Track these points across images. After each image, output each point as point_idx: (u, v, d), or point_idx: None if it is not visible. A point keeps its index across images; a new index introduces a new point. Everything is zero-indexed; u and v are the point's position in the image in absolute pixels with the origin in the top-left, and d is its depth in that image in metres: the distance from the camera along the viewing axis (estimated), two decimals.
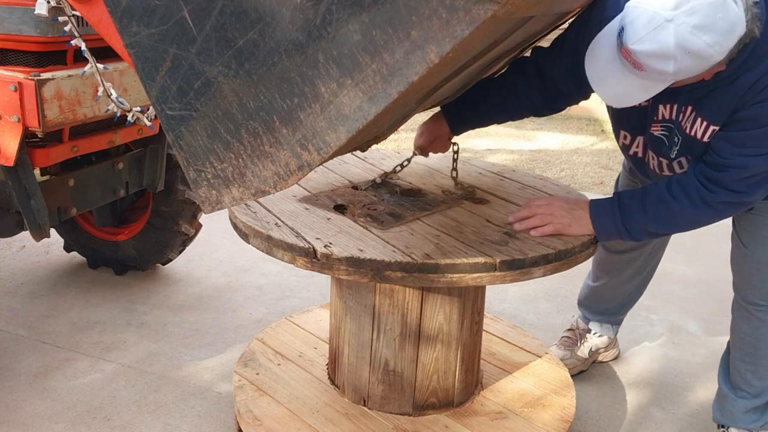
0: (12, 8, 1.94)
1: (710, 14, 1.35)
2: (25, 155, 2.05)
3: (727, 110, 1.57)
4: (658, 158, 1.80)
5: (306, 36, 1.08)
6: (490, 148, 5.48)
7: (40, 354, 2.41)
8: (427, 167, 2.17)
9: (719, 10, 1.36)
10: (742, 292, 1.92)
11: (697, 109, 1.62)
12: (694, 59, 1.40)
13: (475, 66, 1.51)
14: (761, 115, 1.53)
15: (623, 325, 2.51)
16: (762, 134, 1.54)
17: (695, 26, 1.36)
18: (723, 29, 1.37)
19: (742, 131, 1.56)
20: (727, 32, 1.38)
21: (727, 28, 1.38)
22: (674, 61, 1.39)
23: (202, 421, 2.10)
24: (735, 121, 1.57)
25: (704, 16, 1.35)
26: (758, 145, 1.55)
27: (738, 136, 1.57)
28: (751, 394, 1.98)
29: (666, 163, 1.79)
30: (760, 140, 1.54)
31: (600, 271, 2.35)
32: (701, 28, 1.36)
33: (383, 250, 1.54)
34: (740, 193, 1.61)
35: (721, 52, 1.40)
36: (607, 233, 1.70)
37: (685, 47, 1.37)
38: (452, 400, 1.93)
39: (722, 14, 1.36)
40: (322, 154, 1.13)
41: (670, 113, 1.69)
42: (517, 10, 1.07)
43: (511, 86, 1.88)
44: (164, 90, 1.19)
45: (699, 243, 3.60)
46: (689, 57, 1.39)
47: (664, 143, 1.74)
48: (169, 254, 2.90)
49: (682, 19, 1.35)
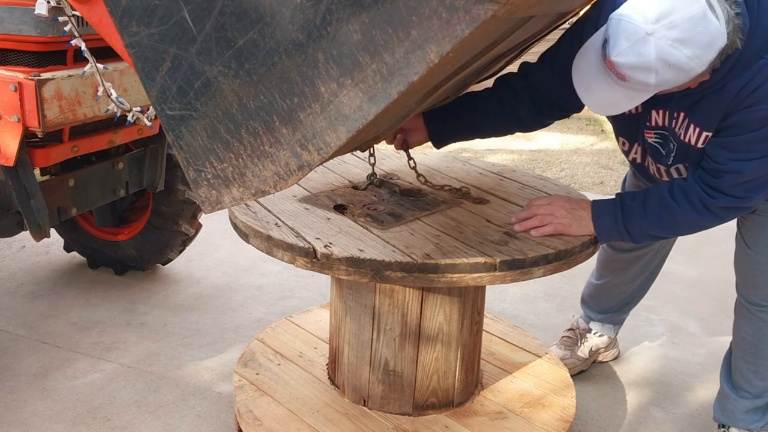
0: (12, 8, 1.94)
1: (690, 28, 1.37)
2: (25, 155, 2.05)
3: (717, 117, 1.58)
4: (656, 164, 1.81)
5: (306, 36, 1.08)
6: (490, 148, 5.48)
7: (40, 354, 2.41)
8: (427, 167, 2.17)
9: (699, 23, 1.37)
10: (744, 293, 1.92)
11: (690, 116, 1.63)
12: (675, 72, 1.42)
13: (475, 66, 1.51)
14: (750, 120, 1.54)
15: (623, 325, 2.51)
16: (753, 138, 1.55)
17: (675, 40, 1.37)
18: (703, 42, 1.39)
19: (733, 137, 1.57)
20: (707, 45, 1.40)
21: (707, 42, 1.39)
22: (656, 73, 1.41)
23: (202, 421, 2.10)
24: (726, 127, 1.58)
25: (684, 30, 1.37)
26: (750, 150, 1.56)
27: (730, 141, 1.58)
28: (753, 394, 1.98)
29: (664, 169, 1.80)
30: (751, 144, 1.55)
31: (604, 270, 2.35)
32: (682, 42, 1.38)
33: (383, 250, 1.54)
34: (739, 198, 1.62)
35: (702, 64, 1.42)
36: (608, 234, 1.70)
37: (665, 60, 1.39)
38: (452, 400, 1.93)
39: (702, 28, 1.38)
40: (322, 154, 1.13)
41: (663, 119, 1.70)
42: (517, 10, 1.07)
43: (496, 101, 1.88)
44: (164, 90, 1.19)
45: (699, 243, 3.60)
46: (670, 69, 1.41)
47: (660, 151, 1.75)
48: (169, 254, 2.90)
49: (662, 32, 1.37)
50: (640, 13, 1.40)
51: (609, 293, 2.38)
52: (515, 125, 1.93)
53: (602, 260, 2.36)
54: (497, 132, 1.97)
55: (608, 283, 2.35)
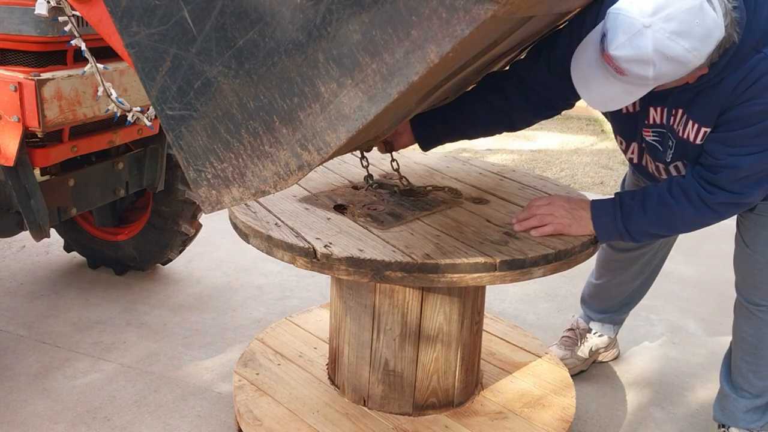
0: (12, 8, 1.94)
1: (687, 20, 1.37)
2: (25, 155, 2.05)
3: (715, 112, 1.58)
4: (655, 163, 1.81)
5: (306, 36, 1.08)
6: (490, 148, 5.48)
7: (40, 354, 2.41)
8: (427, 167, 2.17)
9: (696, 16, 1.38)
10: (744, 292, 1.92)
11: (688, 112, 1.63)
12: (673, 64, 1.42)
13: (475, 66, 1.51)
14: (748, 114, 1.54)
15: (623, 325, 2.51)
16: (751, 133, 1.54)
17: (673, 32, 1.38)
18: (700, 34, 1.39)
19: (731, 131, 1.57)
20: (704, 37, 1.40)
21: (704, 34, 1.39)
22: (653, 66, 1.41)
23: (202, 421, 2.10)
24: (724, 122, 1.58)
25: (681, 23, 1.37)
26: (748, 144, 1.56)
27: (728, 136, 1.58)
28: (753, 394, 1.99)
29: (663, 168, 1.80)
30: (749, 139, 1.55)
31: (603, 269, 2.35)
32: (679, 34, 1.38)
33: (383, 250, 1.54)
34: (738, 194, 1.61)
35: (700, 57, 1.42)
36: (608, 234, 1.71)
37: (663, 53, 1.39)
38: (452, 400, 1.93)
39: (699, 20, 1.38)
40: (322, 154, 1.13)
41: (661, 117, 1.70)
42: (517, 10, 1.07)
43: (486, 104, 1.87)
44: (164, 90, 1.19)
45: (699, 243, 3.60)
46: (668, 62, 1.41)
47: (658, 149, 1.75)
48: (169, 254, 2.90)
49: (659, 25, 1.37)
50: (638, 6, 1.40)
51: (608, 293, 2.38)
52: (505, 127, 1.92)
53: (601, 260, 2.36)
54: (485, 134, 1.97)
55: (608, 283, 2.35)
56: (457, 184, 2.02)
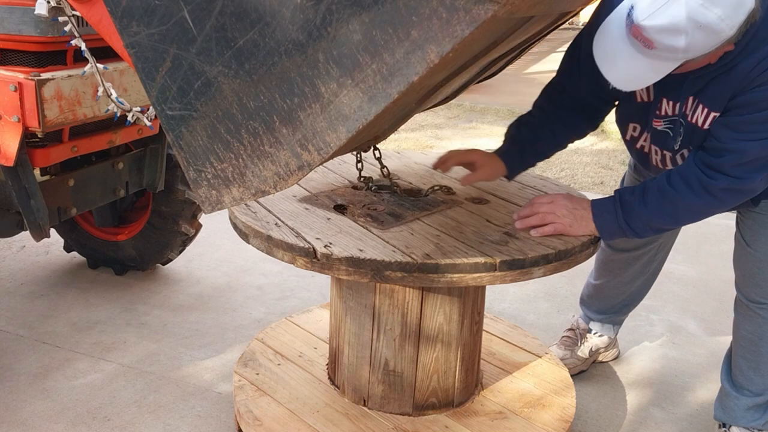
0: (12, 8, 1.94)
1: None
2: (25, 155, 2.05)
3: (726, 97, 1.57)
4: (662, 151, 1.80)
5: (306, 36, 1.08)
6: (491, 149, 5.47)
7: (40, 354, 2.41)
8: (427, 167, 2.17)
9: None
10: (744, 291, 1.93)
11: (700, 98, 1.63)
12: (705, 33, 1.39)
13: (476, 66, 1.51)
14: (759, 99, 1.53)
15: (623, 325, 2.51)
16: (760, 118, 1.54)
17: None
18: (733, 2, 1.38)
19: (740, 116, 1.57)
20: (737, 5, 1.38)
21: (736, 2, 1.38)
22: (686, 35, 1.39)
23: (202, 421, 2.10)
24: (733, 107, 1.57)
25: None
26: (756, 130, 1.55)
27: (736, 121, 1.57)
28: (753, 392, 1.99)
29: (669, 156, 1.78)
30: (757, 125, 1.55)
31: (602, 270, 2.35)
32: (712, 1, 1.36)
33: (383, 250, 1.54)
34: (739, 179, 1.60)
35: (732, 26, 1.40)
36: (610, 232, 1.70)
37: (696, 20, 1.37)
38: (452, 400, 1.93)
39: None
40: (322, 154, 1.13)
41: (672, 109, 1.69)
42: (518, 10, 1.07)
43: (558, 120, 1.93)
44: (164, 90, 1.19)
45: (699, 243, 3.61)
46: (700, 31, 1.38)
47: (669, 135, 1.74)
48: (169, 254, 2.90)
49: None
50: None
51: (607, 294, 2.38)
52: (577, 136, 2.02)
53: (600, 260, 2.35)
54: (563, 147, 2.05)
55: (606, 283, 2.35)
56: (458, 183, 2.02)
